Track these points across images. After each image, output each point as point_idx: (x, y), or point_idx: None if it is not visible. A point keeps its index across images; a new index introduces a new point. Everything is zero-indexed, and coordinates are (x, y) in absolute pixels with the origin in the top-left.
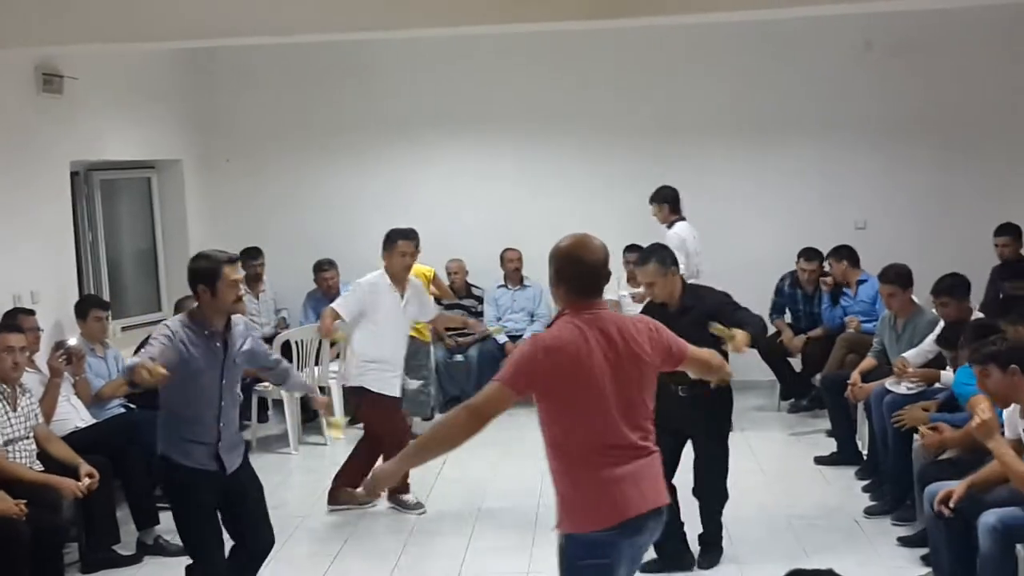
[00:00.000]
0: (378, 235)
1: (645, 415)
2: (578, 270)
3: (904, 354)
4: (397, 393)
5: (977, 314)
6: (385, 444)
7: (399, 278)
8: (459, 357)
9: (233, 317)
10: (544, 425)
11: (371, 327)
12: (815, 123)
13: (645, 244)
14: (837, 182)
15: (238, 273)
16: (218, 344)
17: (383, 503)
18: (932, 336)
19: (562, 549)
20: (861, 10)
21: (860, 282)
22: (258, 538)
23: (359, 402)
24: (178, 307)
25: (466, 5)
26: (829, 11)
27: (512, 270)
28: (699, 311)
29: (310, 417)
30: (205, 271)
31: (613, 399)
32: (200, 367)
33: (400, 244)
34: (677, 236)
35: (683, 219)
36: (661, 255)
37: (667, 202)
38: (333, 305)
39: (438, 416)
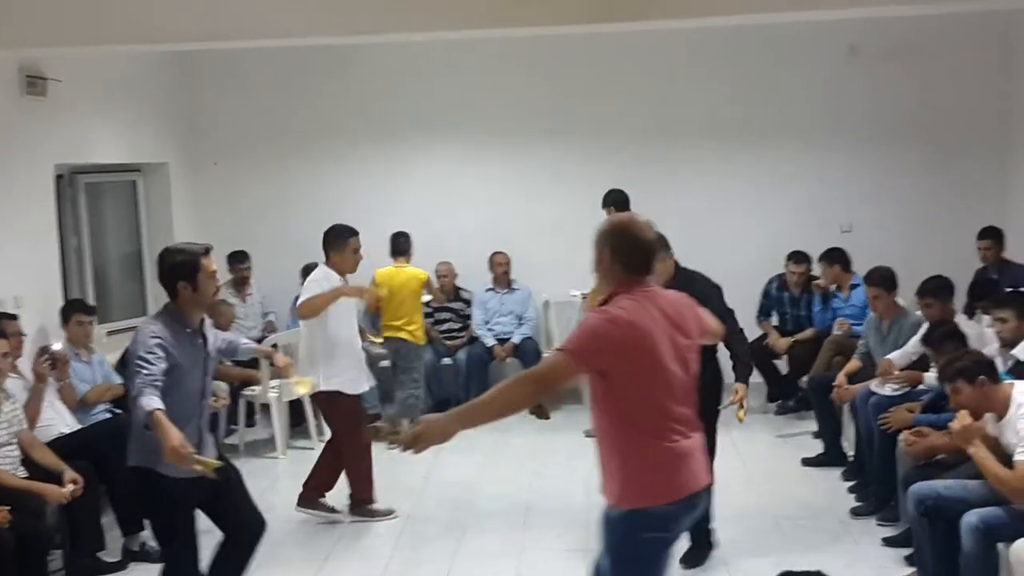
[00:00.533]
0: (367, 239)
1: (693, 393)
2: (634, 247)
3: (889, 356)
4: (364, 390)
5: (960, 316)
6: (345, 444)
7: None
8: (448, 360)
9: None
10: (604, 402)
11: (331, 327)
12: (802, 127)
13: None
14: (823, 185)
15: (214, 264)
16: (199, 341)
17: (347, 518)
18: (916, 338)
19: (618, 524)
20: (850, 15)
21: (853, 286)
22: (252, 524)
23: (331, 407)
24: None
25: (461, 9)
26: (819, 16)
27: (500, 273)
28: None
29: (298, 422)
30: (184, 265)
31: (674, 375)
32: (186, 369)
33: (352, 241)
34: None
35: None
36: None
37: (614, 205)
38: (313, 295)
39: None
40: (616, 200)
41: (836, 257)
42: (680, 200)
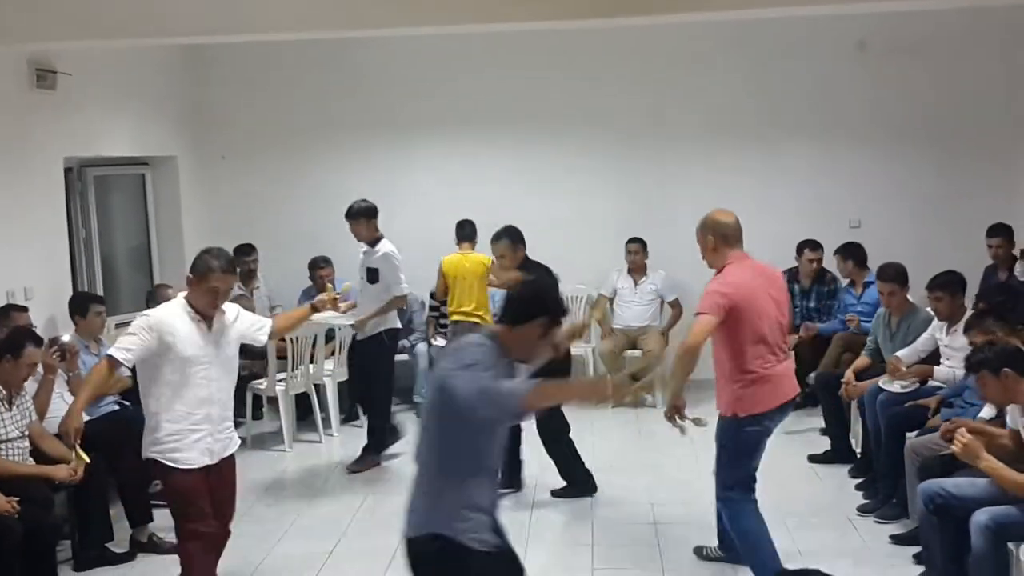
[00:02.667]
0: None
1: (785, 330)
2: (732, 229)
3: (897, 353)
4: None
5: (970, 311)
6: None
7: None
8: None
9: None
10: (723, 343)
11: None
12: (810, 123)
13: (644, 237)
14: (832, 181)
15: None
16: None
17: None
18: (926, 335)
19: (727, 426)
20: (857, 10)
21: (867, 283)
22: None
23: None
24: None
25: (470, 4)
26: (825, 11)
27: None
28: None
29: (304, 415)
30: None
31: (774, 318)
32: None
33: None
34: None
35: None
36: (511, 232)
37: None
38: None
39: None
40: (368, 212)
41: (852, 252)
42: (689, 195)
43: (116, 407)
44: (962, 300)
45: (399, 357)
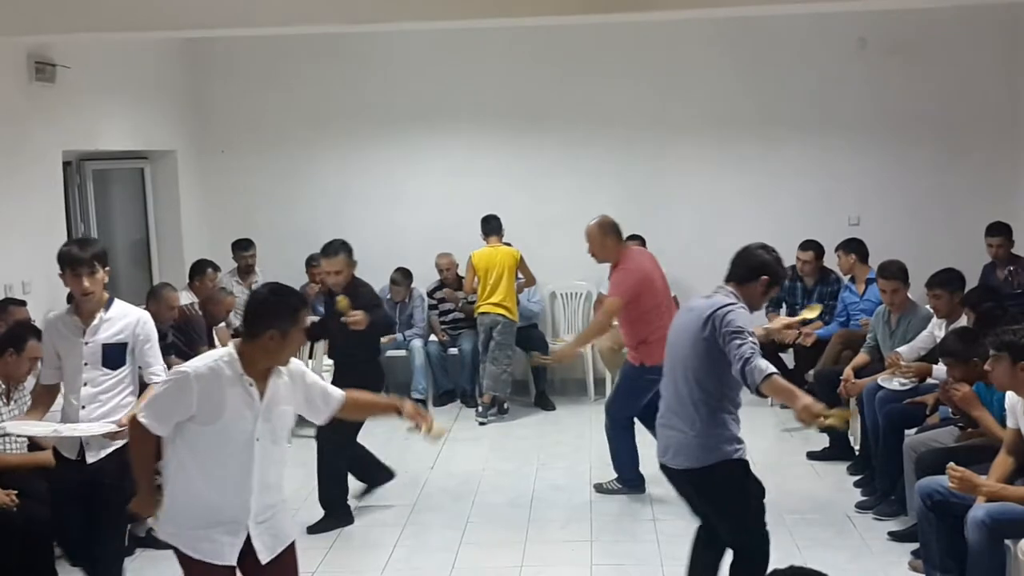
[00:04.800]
0: (370, 228)
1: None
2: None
3: (897, 349)
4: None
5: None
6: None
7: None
8: (453, 351)
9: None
10: (636, 312)
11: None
12: (810, 120)
13: (643, 234)
14: (832, 178)
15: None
16: None
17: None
18: (925, 332)
19: (633, 372)
20: (858, 8)
21: (869, 281)
22: None
23: None
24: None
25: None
26: (825, 8)
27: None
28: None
29: None
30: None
31: (665, 290)
32: None
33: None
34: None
35: None
36: (348, 248)
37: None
38: None
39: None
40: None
41: (853, 247)
42: (689, 193)
43: None
44: (961, 298)
45: (396, 352)
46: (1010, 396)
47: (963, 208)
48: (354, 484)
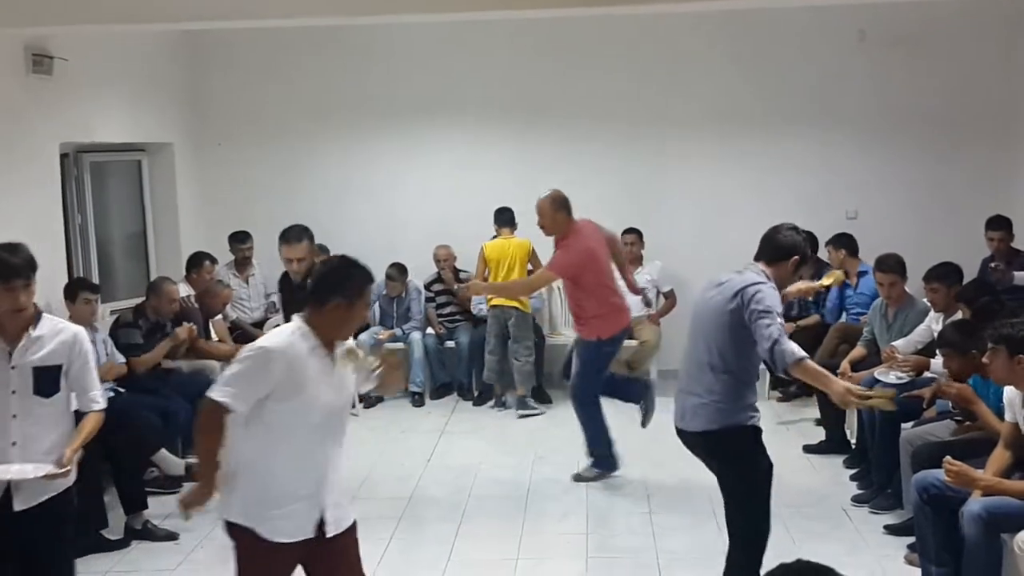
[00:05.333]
0: (370, 220)
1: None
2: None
3: (894, 343)
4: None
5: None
6: None
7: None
8: (450, 343)
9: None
10: (584, 288)
11: None
12: (809, 113)
13: (640, 227)
14: (829, 172)
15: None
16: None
17: None
18: (923, 325)
19: (591, 347)
20: (857, 1)
21: (861, 274)
22: None
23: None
24: (152, 289)
25: None
26: (823, 2)
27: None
28: None
29: None
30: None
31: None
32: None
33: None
34: None
35: None
36: (311, 234)
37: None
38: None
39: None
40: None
41: (843, 242)
42: (687, 186)
43: (111, 394)
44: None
45: (394, 345)
46: (1008, 390)
47: (962, 202)
48: (352, 481)
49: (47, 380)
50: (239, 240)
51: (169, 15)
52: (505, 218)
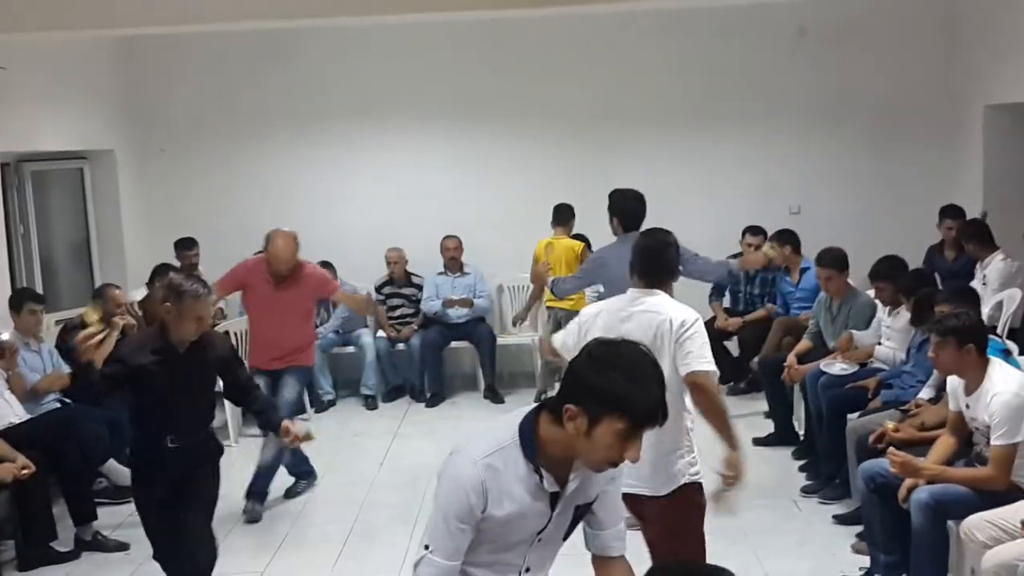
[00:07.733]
0: (318, 225)
1: None
2: None
3: (855, 336)
4: None
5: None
6: None
7: None
8: (401, 346)
9: None
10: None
11: None
12: (751, 109)
13: (585, 231)
14: (773, 167)
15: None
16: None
17: None
18: (876, 323)
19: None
20: None
21: (803, 270)
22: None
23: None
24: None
25: None
26: None
27: (451, 258)
28: None
29: None
30: None
31: None
32: None
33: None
34: None
35: None
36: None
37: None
38: None
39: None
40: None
41: (787, 238)
42: (632, 183)
43: (58, 404)
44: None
45: (346, 349)
46: (952, 379)
47: (905, 194)
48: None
49: None
50: (185, 247)
51: (107, 21)
52: (557, 217)
